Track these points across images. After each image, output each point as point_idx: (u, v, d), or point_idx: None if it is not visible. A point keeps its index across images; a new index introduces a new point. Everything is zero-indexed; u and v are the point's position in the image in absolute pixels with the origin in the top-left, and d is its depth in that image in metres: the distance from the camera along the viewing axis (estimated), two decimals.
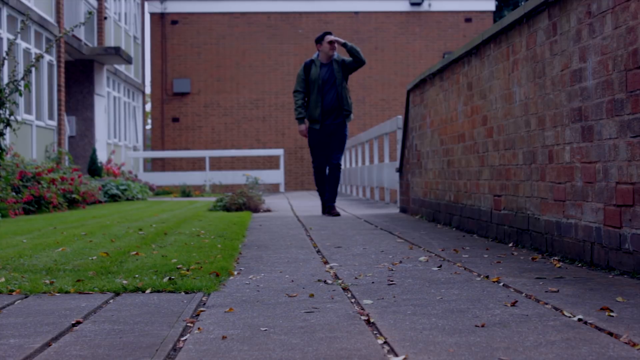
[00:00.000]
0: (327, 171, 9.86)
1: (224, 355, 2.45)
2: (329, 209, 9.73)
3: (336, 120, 9.70)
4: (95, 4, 21.00)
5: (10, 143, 12.34)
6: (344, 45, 9.59)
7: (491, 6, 27.11)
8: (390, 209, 11.36)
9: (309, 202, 14.50)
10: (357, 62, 9.63)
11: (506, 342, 2.52)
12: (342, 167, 21.13)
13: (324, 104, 9.65)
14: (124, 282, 3.92)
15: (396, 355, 2.40)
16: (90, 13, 12.11)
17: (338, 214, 9.64)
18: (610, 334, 2.63)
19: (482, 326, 2.78)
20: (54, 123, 17.40)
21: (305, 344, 2.57)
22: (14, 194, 10.55)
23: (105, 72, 21.58)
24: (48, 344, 2.66)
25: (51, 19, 17.24)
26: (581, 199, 4.54)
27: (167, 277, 4.03)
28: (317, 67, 9.69)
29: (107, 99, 22.11)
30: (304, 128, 9.76)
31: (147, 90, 32.82)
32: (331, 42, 9.61)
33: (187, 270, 4.33)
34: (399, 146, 11.46)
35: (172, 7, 26.42)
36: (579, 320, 2.87)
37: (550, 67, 4.99)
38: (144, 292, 3.74)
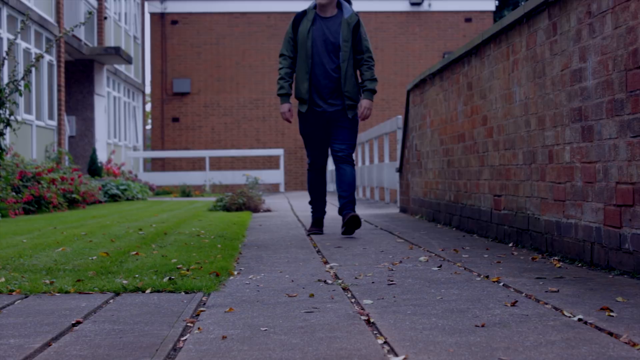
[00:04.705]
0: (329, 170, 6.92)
1: (224, 355, 2.45)
2: (345, 216, 6.55)
3: (334, 106, 6.68)
4: (95, 4, 21.00)
5: (10, 143, 12.34)
6: None
7: (491, 6, 27.10)
8: (390, 209, 11.36)
9: None
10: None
11: (506, 342, 2.52)
12: None
13: (313, 77, 6.65)
14: (124, 282, 3.92)
15: (396, 355, 2.40)
16: (90, 13, 12.11)
17: (359, 224, 6.55)
18: (610, 334, 2.63)
19: (482, 326, 2.78)
20: (54, 123, 17.40)
21: (305, 343, 2.57)
22: (14, 193, 10.55)
23: (105, 72, 21.57)
24: (48, 344, 2.66)
25: (51, 19, 17.23)
26: (581, 198, 4.54)
27: (167, 277, 4.02)
28: (308, 22, 6.64)
29: (107, 99, 22.11)
30: (286, 109, 6.73)
31: (147, 90, 32.82)
32: None
33: (187, 270, 4.33)
34: (399, 146, 11.45)
35: (172, 7, 26.41)
36: (579, 320, 2.87)
37: (550, 67, 4.99)
38: (144, 292, 3.74)
